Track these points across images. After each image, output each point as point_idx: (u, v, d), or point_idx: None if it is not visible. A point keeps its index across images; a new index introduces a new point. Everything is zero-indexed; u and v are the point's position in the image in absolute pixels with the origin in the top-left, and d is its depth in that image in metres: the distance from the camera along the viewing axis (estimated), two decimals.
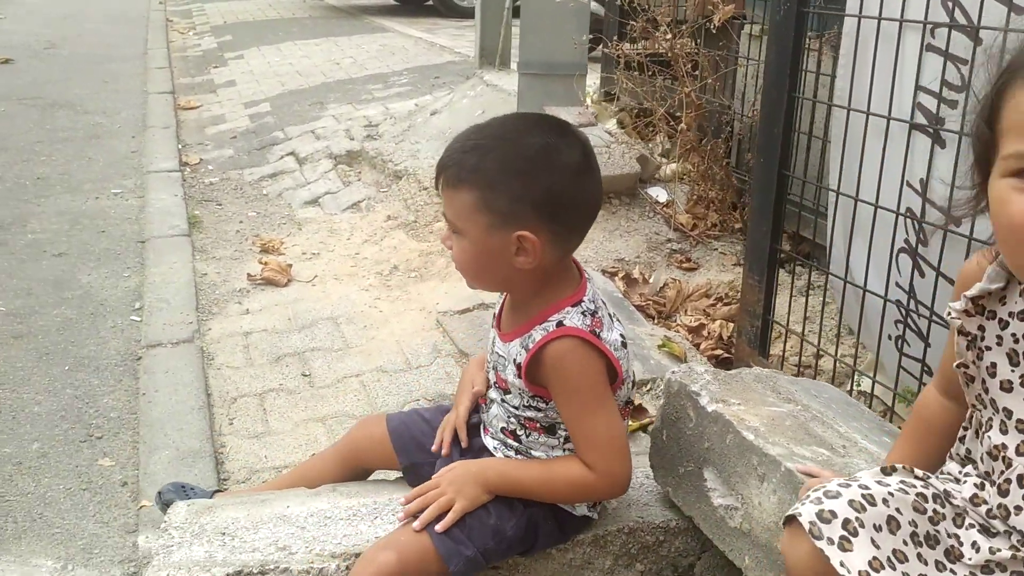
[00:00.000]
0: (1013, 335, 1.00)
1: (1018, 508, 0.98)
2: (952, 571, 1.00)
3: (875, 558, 0.95)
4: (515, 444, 1.52)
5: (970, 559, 1.01)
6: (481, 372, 1.63)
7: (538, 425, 1.49)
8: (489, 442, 1.57)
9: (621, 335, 1.47)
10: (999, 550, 0.99)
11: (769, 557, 1.38)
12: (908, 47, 2.02)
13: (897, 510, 1.00)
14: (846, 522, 0.97)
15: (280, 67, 7.36)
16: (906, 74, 2.03)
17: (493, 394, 1.56)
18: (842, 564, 0.94)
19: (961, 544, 1.02)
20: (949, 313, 1.05)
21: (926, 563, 0.99)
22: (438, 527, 1.43)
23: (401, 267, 3.36)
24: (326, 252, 3.62)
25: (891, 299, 2.14)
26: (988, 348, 1.03)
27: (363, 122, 5.27)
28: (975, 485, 1.06)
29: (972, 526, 1.03)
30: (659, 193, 3.53)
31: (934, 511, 1.03)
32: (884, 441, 1.51)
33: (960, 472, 1.10)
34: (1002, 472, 1.01)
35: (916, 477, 1.09)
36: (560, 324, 1.41)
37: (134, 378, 2.63)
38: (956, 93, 1.92)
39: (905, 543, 0.99)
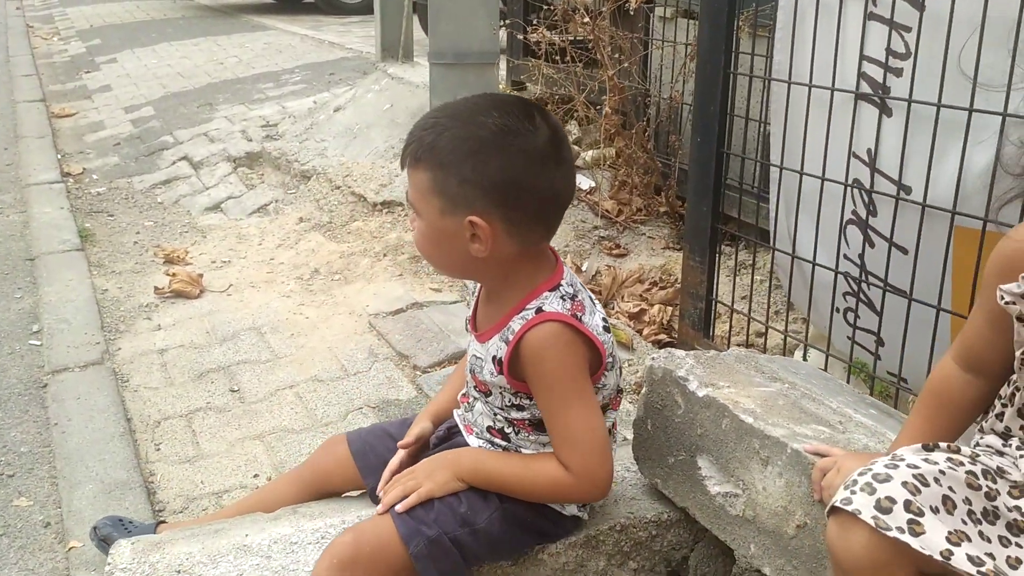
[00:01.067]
0: None
1: None
2: (1018, 544, 0.96)
3: (953, 531, 0.90)
4: (503, 443, 1.42)
5: None
6: (420, 424, 1.53)
7: (527, 422, 1.39)
8: (474, 441, 1.46)
9: (603, 319, 1.38)
10: None
11: (778, 543, 1.32)
12: (850, 17, 2.00)
13: (951, 488, 0.95)
14: (908, 504, 0.91)
15: (159, 69, 6.99)
16: (848, 44, 2.02)
17: (475, 393, 1.45)
18: (922, 549, 0.87)
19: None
20: (1002, 298, 0.99)
21: (989, 540, 0.94)
22: (398, 507, 1.35)
23: (322, 270, 3.20)
24: (237, 259, 3.42)
25: (841, 272, 2.14)
26: None
27: (260, 122, 5.03)
28: None
29: None
30: (582, 180, 3.47)
31: (988, 487, 0.99)
32: (873, 414, 1.48)
33: (1003, 446, 1.05)
34: None
35: (960, 454, 1.04)
36: (540, 310, 1.32)
37: (42, 407, 2.39)
38: (901, 61, 1.92)
39: (964, 522, 0.94)
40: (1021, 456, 1.02)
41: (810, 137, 2.12)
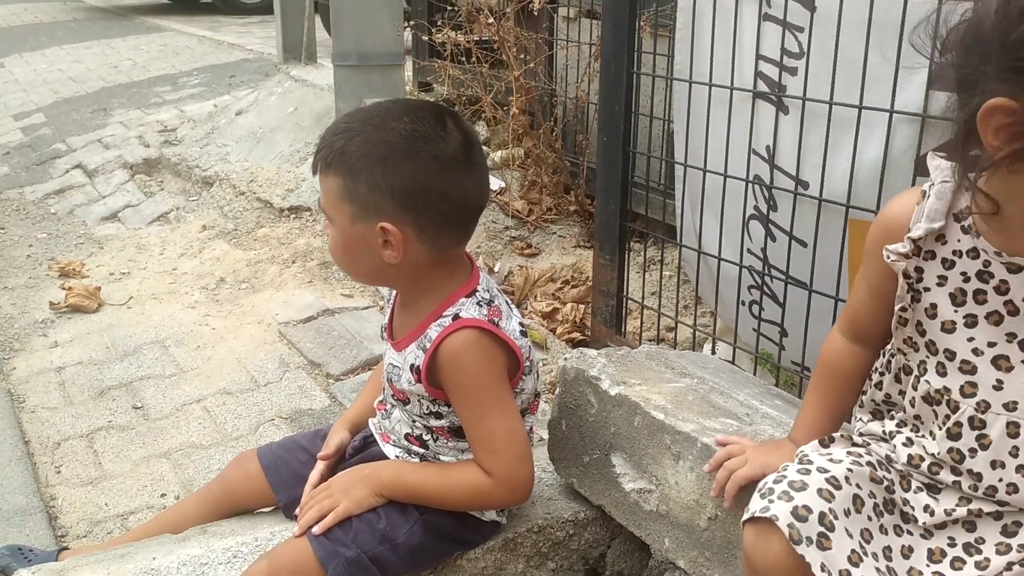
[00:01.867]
0: (963, 274, 0.99)
1: (972, 451, 0.99)
2: (909, 532, 1.00)
3: (853, 551, 0.93)
4: (421, 450, 1.41)
5: (924, 523, 1.00)
6: (337, 435, 1.51)
7: (445, 429, 1.38)
8: (390, 451, 1.44)
9: (520, 323, 1.39)
10: (953, 510, 0.99)
11: (691, 536, 1.35)
12: (746, 17, 2.06)
13: (858, 486, 0.98)
14: (822, 516, 0.94)
15: (49, 74, 6.71)
16: (745, 44, 2.07)
17: (393, 401, 1.43)
18: (823, 568, 0.90)
19: (912, 509, 1.02)
20: (888, 256, 1.03)
21: (886, 532, 0.98)
22: (315, 529, 1.32)
23: (228, 279, 3.11)
24: (138, 270, 3.30)
25: (745, 265, 2.19)
26: (927, 289, 1.02)
27: (157, 127, 4.88)
28: (904, 444, 1.06)
29: (920, 489, 1.03)
30: (492, 181, 3.47)
31: (885, 478, 1.02)
32: (778, 404, 1.52)
33: (883, 431, 1.09)
34: (947, 416, 1.01)
35: (855, 444, 1.08)
36: (456, 317, 1.31)
37: None
38: (795, 60, 1.98)
39: (870, 518, 0.97)
40: (900, 443, 1.06)
41: (712, 135, 2.17)
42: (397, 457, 1.44)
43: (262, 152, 3.94)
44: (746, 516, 1.00)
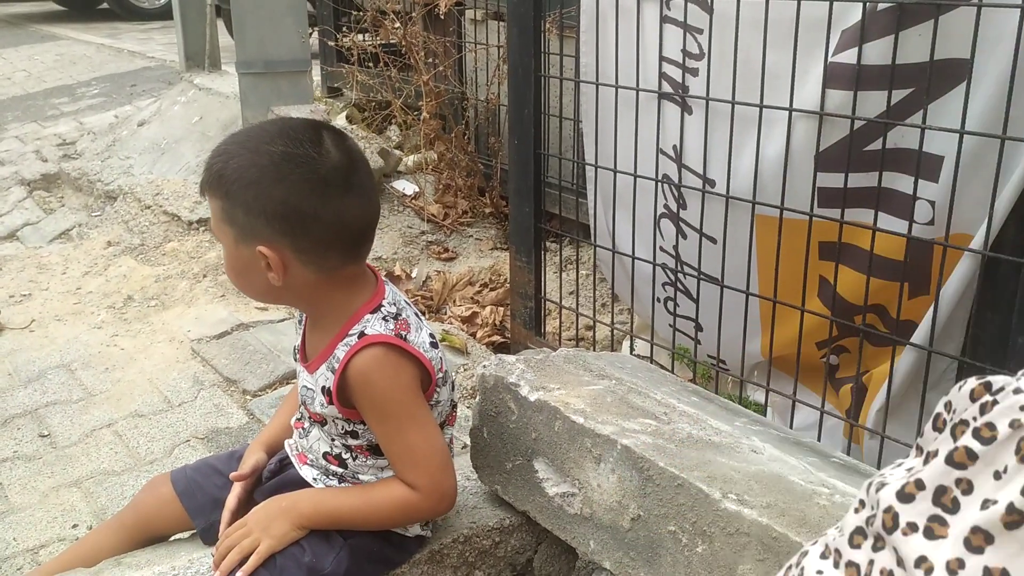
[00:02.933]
0: None
1: None
2: None
3: None
4: (339, 470, 1.39)
5: None
6: (253, 456, 1.48)
7: (364, 447, 1.37)
8: (307, 472, 1.41)
9: (431, 335, 1.38)
10: None
11: (615, 537, 1.36)
12: (647, 20, 2.09)
13: None
14: None
15: None
16: (648, 46, 2.10)
17: (308, 422, 1.41)
18: None
19: None
20: None
21: None
22: (239, 573, 1.28)
23: (136, 296, 3.01)
24: (39, 291, 3.17)
25: (658, 263, 2.23)
26: None
27: (55, 141, 4.69)
28: None
29: None
30: (405, 186, 3.45)
31: None
32: (694, 400, 1.55)
33: None
34: None
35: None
36: (362, 334, 1.30)
37: None
38: (696, 61, 2.02)
39: None
40: None
41: (620, 136, 2.20)
42: (315, 480, 1.41)
43: (167, 164, 3.83)
44: None
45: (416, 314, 1.39)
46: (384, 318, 1.31)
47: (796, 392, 1.93)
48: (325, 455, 1.40)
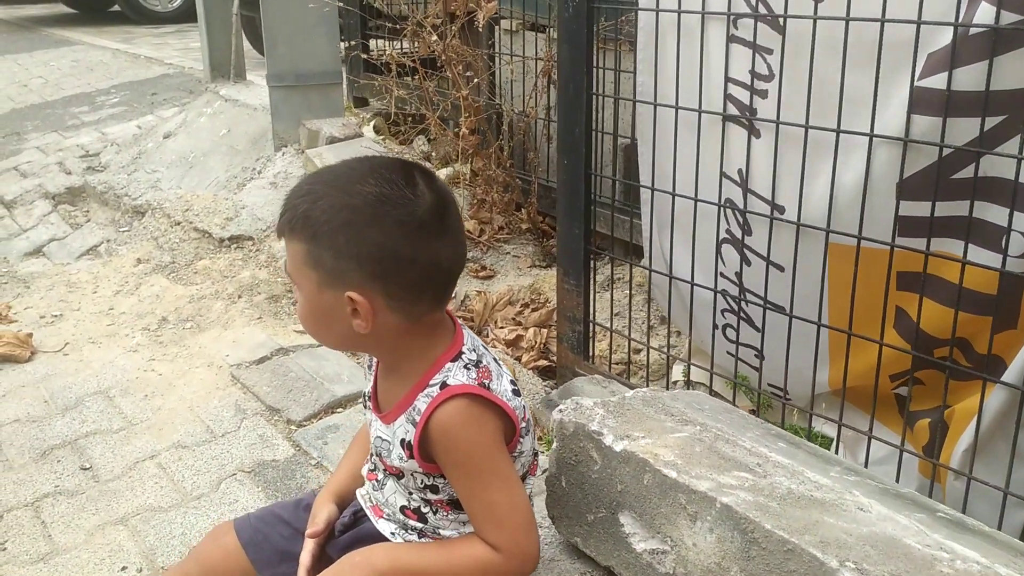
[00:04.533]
0: None
1: None
2: None
3: None
4: (419, 525, 1.32)
5: None
6: (324, 507, 1.40)
7: (444, 501, 1.30)
8: (385, 527, 1.35)
9: (512, 382, 1.31)
10: None
11: None
12: (712, 40, 2.01)
13: None
14: None
15: None
16: (713, 66, 2.03)
17: (384, 474, 1.34)
18: None
19: None
20: None
21: None
22: None
23: (171, 318, 2.95)
24: (70, 312, 3.11)
25: (719, 290, 2.15)
26: None
27: (78, 152, 4.63)
28: None
29: None
30: None
31: None
32: (782, 447, 1.48)
33: None
34: None
35: None
36: (444, 385, 1.23)
37: None
38: (765, 83, 1.94)
39: None
40: None
41: (680, 158, 2.12)
42: (392, 534, 1.35)
43: (196, 178, 3.76)
44: None
45: (495, 360, 1.32)
46: (466, 366, 1.25)
47: (872, 427, 1.85)
48: (403, 509, 1.33)
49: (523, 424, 1.30)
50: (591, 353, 2.55)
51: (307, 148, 3.41)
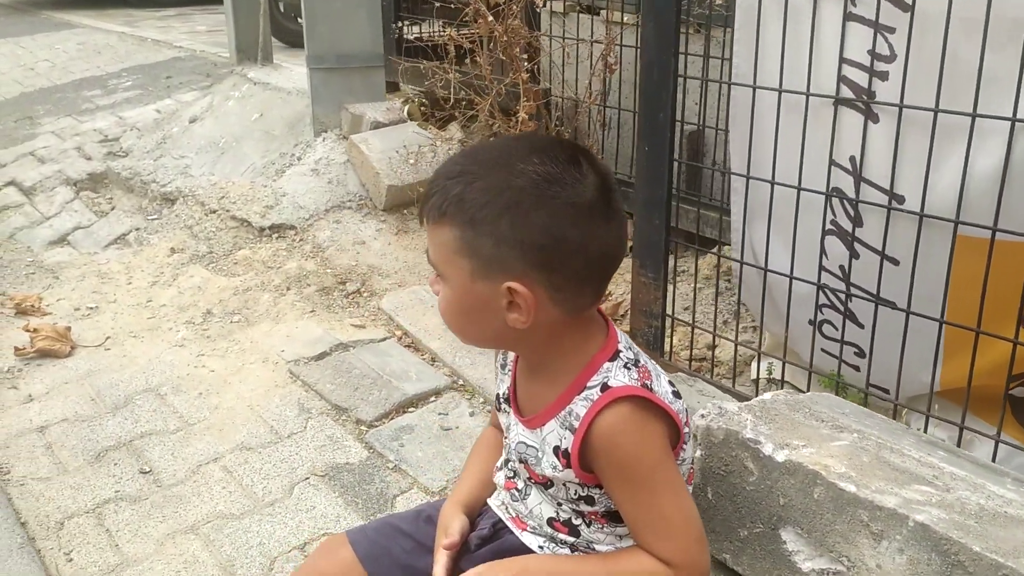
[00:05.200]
0: None
1: None
2: None
3: None
4: (570, 539, 1.20)
5: None
6: (456, 517, 1.29)
7: (599, 513, 1.18)
8: (531, 540, 1.23)
9: (670, 382, 1.19)
10: None
11: None
12: (826, 18, 1.89)
13: None
14: None
15: None
16: (824, 47, 1.91)
17: (528, 482, 1.22)
18: None
19: None
20: None
21: None
22: None
23: (216, 311, 2.81)
24: (106, 304, 2.96)
25: (822, 284, 2.04)
26: None
27: (96, 137, 4.47)
28: None
29: None
30: None
31: None
32: (944, 456, 1.37)
33: None
34: None
35: None
36: (605, 387, 1.11)
37: None
38: (886, 64, 1.83)
39: None
40: None
41: (781, 145, 2.00)
42: (540, 548, 1.23)
43: (229, 164, 3.61)
44: None
45: (650, 359, 1.20)
46: (625, 366, 1.13)
47: (998, 430, 1.75)
48: (551, 521, 1.21)
49: (686, 429, 1.19)
50: (669, 348, 2.44)
51: (350, 134, 3.27)
